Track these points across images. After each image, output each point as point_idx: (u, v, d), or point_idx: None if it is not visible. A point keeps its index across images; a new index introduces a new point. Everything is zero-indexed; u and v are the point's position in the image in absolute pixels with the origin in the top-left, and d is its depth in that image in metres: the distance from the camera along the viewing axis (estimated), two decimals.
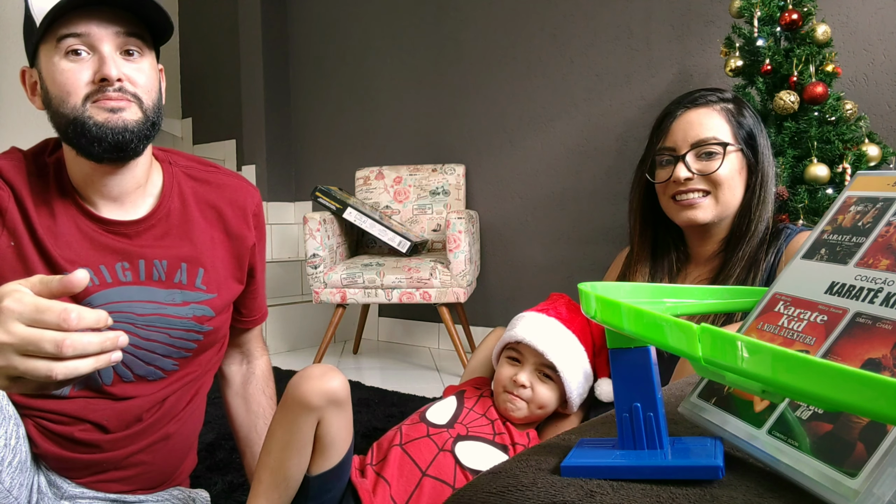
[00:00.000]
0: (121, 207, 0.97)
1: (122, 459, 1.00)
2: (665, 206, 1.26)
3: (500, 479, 0.45)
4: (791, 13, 1.90)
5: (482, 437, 1.06)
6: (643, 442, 0.47)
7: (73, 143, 0.90)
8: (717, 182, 1.18)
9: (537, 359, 1.09)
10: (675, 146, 1.21)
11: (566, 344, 1.10)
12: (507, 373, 1.11)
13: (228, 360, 1.24)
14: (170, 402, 1.04)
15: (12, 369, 0.59)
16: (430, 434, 1.04)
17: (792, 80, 1.89)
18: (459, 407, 1.11)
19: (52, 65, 0.87)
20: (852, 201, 0.52)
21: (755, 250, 1.17)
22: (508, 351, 1.13)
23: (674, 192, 1.21)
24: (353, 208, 2.73)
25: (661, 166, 1.24)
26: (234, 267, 1.07)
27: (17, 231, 0.91)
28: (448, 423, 1.07)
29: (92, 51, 0.87)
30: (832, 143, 1.85)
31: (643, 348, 0.47)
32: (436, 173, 3.08)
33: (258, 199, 1.13)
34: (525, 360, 1.10)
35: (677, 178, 1.19)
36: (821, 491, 0.37)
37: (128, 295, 0.96)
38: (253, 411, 1.21)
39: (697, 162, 1.19)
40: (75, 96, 0.87)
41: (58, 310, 0.59)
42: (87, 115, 0.87)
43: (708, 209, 1.19)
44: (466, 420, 1.08)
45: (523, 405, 1.09)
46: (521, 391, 1.08)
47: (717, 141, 1.18)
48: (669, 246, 1.31)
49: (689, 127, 1.20)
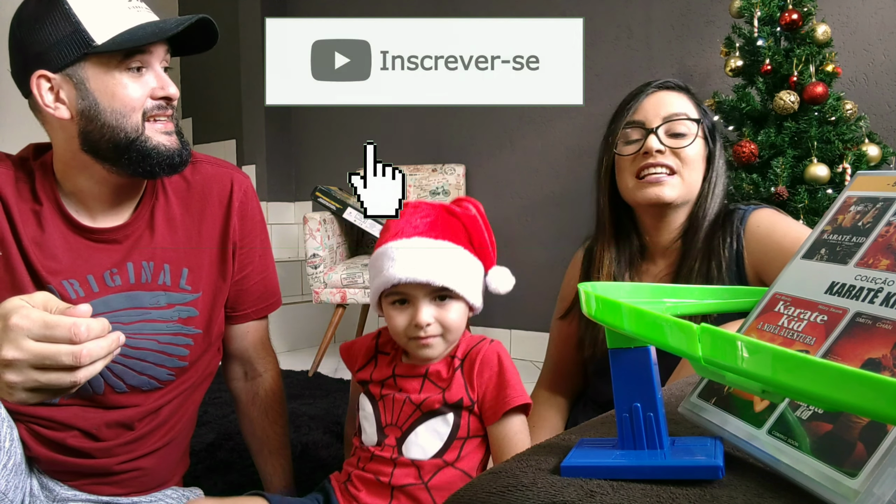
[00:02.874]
0: (116, 213, 0.97)
1: (114, 466, 0.99)
2: (626, 185, 1.18)
3: (500, 478, 0.45)
4: (791, 13, 1.90)
5: (416, 421, 0.96)
6: (643, 442, 0.47)
7: (113, 160, 0.90)
8: (686, 160, 1.14)
9: (426, 289, 0.94)
10: (646, 119, 1.16)
11: (445, 257, 0.96)
12: (401, 320, 0.95)
13: (231, 376, 1.18)
14: (165, 411, 1.03)
15: (32, 381, 0.62)
16: (375, 455, 0.97)
17: (792, 80, 1.89)
18: (375, 409, 1.00)
19: (112, 77, 0.87)
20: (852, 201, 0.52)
21: (709, 238, 1.14)
22: (389, 296, 0.97)
23: (640, 166, 1.14)
24: (353, 208, 2.73)
25: (628, 142, 1.18)
26: (219, 262, 1.04)
27: (4, 241, 0.90)
28: (378, 439, 0.98)
29: (148, 66, 0.90)
30: (832, 143, 1.85)
31: (643, 348, 0.47)
32: (436, 173, 3.08)
33: (245, 186, 1.08)
34: (415, 298, 0.95)
35: (648, 149, 1.12)
36: (821, 491, 0.37)
37: (112, 304, 0.95)
38: (258, 437, 1.16)
39: (668, 138, 1.14)
40: (137, 112, 0.89)
41: (67, 324, 0.62)
42: (147, 135, 0.90)
43: (674, 187, 1.14)
44: (390, 418, 0.98)
45: (438, 341, 0.95)
46: (427, 330, 0.94)
47: (689, 117, 1.15)
48: (631, 234, 1.25)
49: (660, 103, 1.16)
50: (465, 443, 0.97)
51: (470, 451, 0.97)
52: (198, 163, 1.06)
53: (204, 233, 1.03)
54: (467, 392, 0.96)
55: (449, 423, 0.96)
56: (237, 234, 1.06)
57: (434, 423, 0.96)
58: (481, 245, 1.00)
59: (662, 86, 1.19)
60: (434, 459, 0.95)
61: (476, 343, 1.01)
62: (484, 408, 0.96)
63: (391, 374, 1.00)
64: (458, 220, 0.99)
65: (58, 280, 0.92)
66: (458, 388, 0.96)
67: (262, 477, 1.16)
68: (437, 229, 0.97)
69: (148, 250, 0.98)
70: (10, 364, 0.61)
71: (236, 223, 1.05)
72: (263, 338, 1.19)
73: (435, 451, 0.95)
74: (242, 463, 1.49)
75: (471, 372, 0.97)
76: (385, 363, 1.03)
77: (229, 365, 1.17)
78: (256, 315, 1.15)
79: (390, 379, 1.00)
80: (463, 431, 0.96)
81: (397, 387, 0.99)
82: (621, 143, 1.18)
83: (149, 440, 1.02)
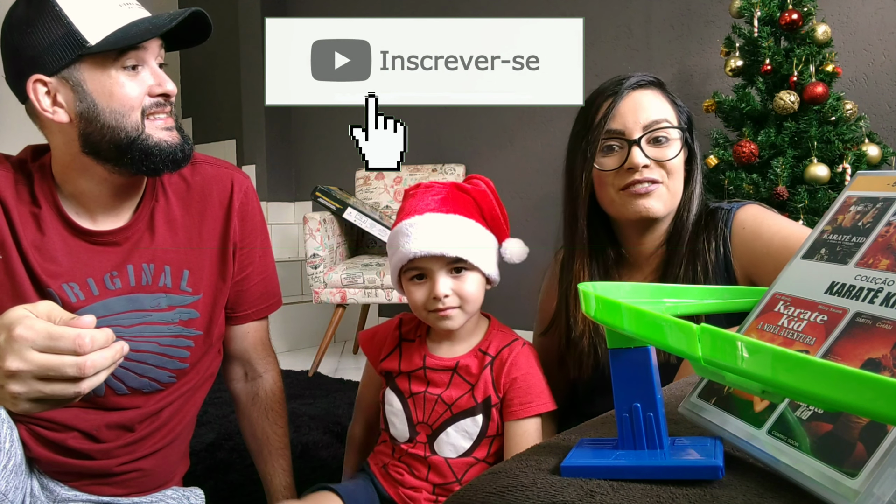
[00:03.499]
0: (116, 216, 0.96)
1: (114, 467, 0.99)
2: (608, 197, 1.09)
3: (500, 478, 0.45)
4: (791, 13, 1.90)
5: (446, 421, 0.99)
6: (643, 442, 0.47)
7: (115, 160, 0.89)
8: (671, 170, 1.06)
9: (442, 262, 0.97)
10: (626, 129, 1.05)
11: (458, 229, 0.98)
12: (421, 294, 0.98)
13: (231, 377, 1.18)
14: (166, 413, 1.03)
15: (36, 392, 0.62)
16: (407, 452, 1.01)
17: (792, 80, 1.89)
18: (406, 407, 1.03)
19: (108, 77, 0.86)
20: (852, 201, 0.52)
21: (693, 241, 1.07)
22: (408, 273, 1.00)
23: (626, 181, 1.05)
24: (353, 208, 2.73)
25: (607, 153, 1.07)
26: (220, 263, 1.04)
27: (5, 244, 0.90)
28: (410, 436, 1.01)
29: (143, 64, 0.89)
30: (832, 143, 1.85)
31: (643, 348, 0.47)
32: (436, 173, 3.08)
33: (245, 186, 1.08)
34: (431, 272, 0.97)
35: (635, 165, 1.03)
36: (821, 491, 0.37)
37: (113, 308, 0.95)
38: (258, 438, 1.15)
39: (650, 148, 1.05)
40: (136, 110, 0.88)
41: (71, 336, 0.62)
42: (147, 133, 0.89)
43: (661, 199, 1.06)
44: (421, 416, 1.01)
45: (457, 312, 0.98)
46: (446, 301, 0.96)
47: (671, 124, 1.06)
48: (604, 243, 1.17)
49: (638, 108, 1.06)
50: (493, 441, 1.00)
51: (499, 447, 1.01)
52: (198, 163, 1.05)
53: (204, 234, 1.02)
54: (494, 390, 0.99)
55: (478, 424, 0.99)
56: (237, 235, 1.05)
57: (464, 424, 0.99)
58: (493, 218, 1.04)
59: (636, 85, 1.09)
60: (465, 458, 0.99)
61: (509, 342, 1.03)
62: (507, 404, 0.99)
63: (421, 365, 1.02)
64: (469, 195, 1.02)
65: (58, 283, 0.92)
66: (486, 386, 0.99)
67: (263, 477, 1.16)
68: (448, 204, 1.00)
69: (148, 252, 0.97)
70: (15, 375, 0.61)
71: (237, 224, 1.05)
72: (264, 338, 1.18)
73: (465, 449, 0.99)
74: (242, 463, 1.49)
75: (500, 371, 1.00)
76: (411, 352, 1.04)
77: (229, 366, 1.17)
78: (257, 315, 1.14)
79: (420, 370, 1.02)
80: (492, 430, 0.99)
81: (426, 379, 1.01)
82: (600, 155, 1.09)
83: (149, 441, 1.02)
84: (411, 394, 1.01)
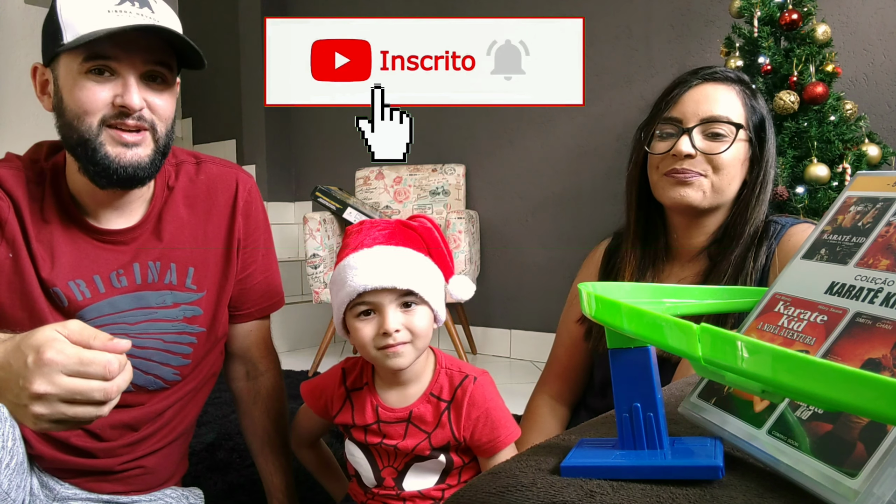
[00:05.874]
0: (120, 215, 0.97)
1: (116, 466, 1.00)
2: (654, 181, 1.10)
3: (500, 479, 0.45)
4: (791, 13, 1.90)
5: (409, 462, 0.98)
6: (643, 442, 0.47)
7: (79, 161, 0.89)
8: (719, 166, 1.05)
9: (392, 296, 0.92)
10: (683, 117, 1.07)
11: (408, 262, 0.94)
12: (368, 331, 0.92)
13: (233, 375, 1.18)
14: (169, 413, 1.03)
15: (59, 414, 0.62)
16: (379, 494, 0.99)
17: (792, 80, 1.89)
18: (369, 457, 1.00)
19: (73, 78, 0.86)
20: (852, 201, 0.52)
21: (744, 253, 1.06)
22: (354, 309, 0.94)
23: (669, 168, 1.07)
24: (353, 208, 2.73)
25: (662, 138, 1.09)
26: (224, 261, 1.05)
27: (15, 243, 0.90)
28: (377, 482, 0.99)
29: (115, 73, 0.87)
30: (832, 143, 1.85)
31: (643, 348, 0.47)
32: (436, 173, 3.08)
33: (249, 185, 1.08)
34: (381, 306, 0.92)
35: (678, 152, 1.04)
36: (821, 491, 0.37)
37: (119, 305, 0.96)
38: (259, 437, 1.16)
39: (703, 140, 1.05)
40: (92, 116, 0.86)
41: (102, 362, 0.62)
42: (100, 141, 0.87)
43: (701, 192, 1.06)
44: (385, 462, 0.99)
45: (407, 348, 0.92)
46: (397, 336, 0.91)
47: (730, 121, 1.05)
48: (659, 234, 1.17)
49: (702, 99, 1.07)
50: (461, 470, 0.99)
51: (469, 474, 0.99)
52: (203, 163, 1.06)
53: (209, 232, 1.04)
54: (453, 435, 0.96)
55: (442, 463, 0.97)
56: (241, 234, 1.06)
57: (427, 464, 0.98)
58: (439, 255, 1.00)
59: (710, 77, 1.09)
60: (437, 487, 0.97)
61: (460, 382, 0.98)
62: (474, 445, 0.96)
63: (375, 419, 0.98)
64: (415, 231, 0.98)
65: (64, 281, 0.92)
66: (445, 433, 0.95)
67: (263, 476, 1.16)
68: (396, 238, 0.96)
69: (155, 251, 0.98)
70: (41, 398, 0.61)
71: (241, 222, 1.06)
72: (266, 337, 1.19)
73: (434, 482, 0.98)
74: (242, 463, 1.50)
75: (458, 415, 0.96)
76: (363, 403, 1.00)
77: (231, 364, 1.18)
78: (259, 314, 1.15)
79: (374, 425, 0.98)
80: (457, 463, 0.98)
81: (381, 433, 0.97)
82: (655, 138, 1.10)
83: (151, 440, 1.02)
84: (369, 444, 0.99)
